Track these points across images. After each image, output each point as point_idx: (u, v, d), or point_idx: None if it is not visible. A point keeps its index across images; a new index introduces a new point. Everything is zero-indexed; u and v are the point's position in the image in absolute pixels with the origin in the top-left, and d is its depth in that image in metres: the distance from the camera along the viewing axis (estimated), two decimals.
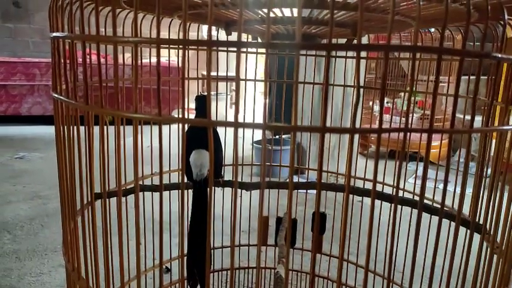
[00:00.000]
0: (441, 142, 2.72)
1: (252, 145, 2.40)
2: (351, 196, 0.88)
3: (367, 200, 0.58)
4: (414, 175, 1.14)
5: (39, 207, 1.85)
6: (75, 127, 0.50)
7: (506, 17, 0.41)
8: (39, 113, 3.77)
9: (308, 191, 0.96)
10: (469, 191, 0.62)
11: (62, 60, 0.47)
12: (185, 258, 0.73)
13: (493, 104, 0.53)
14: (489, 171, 0.60)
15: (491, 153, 0.61)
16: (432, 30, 0.95)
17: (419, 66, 1.06)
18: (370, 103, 2.75)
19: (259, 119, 0.35)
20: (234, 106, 0.39)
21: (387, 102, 2.77)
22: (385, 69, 0.31)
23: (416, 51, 0.31)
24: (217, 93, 1.04)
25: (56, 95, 0.46)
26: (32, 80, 3.71)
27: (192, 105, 0.82)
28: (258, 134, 2.50)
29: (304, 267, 1.12)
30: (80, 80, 0.47)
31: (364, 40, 1.09)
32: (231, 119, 0.32)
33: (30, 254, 1.41)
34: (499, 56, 0.35)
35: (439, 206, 0.76)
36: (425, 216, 0.67)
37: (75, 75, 0.44)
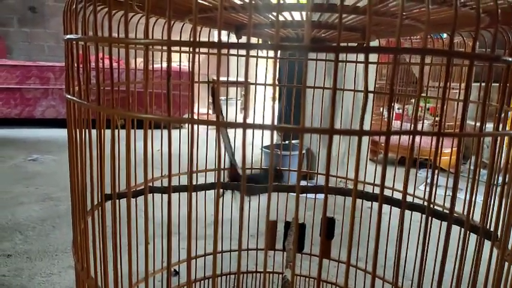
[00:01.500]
0: (452, 149, 2.70)
1: (261, 150, 2.41)
2: (360, 202, 0.88)
3: (377, 206, 0.58)
4: (424, 182, 1.13)
5: (51, 208, 1.87)
6: (87, 130, 0.51)
7: None
8: (53, 116, 3.83)
9: (317, 196, 0.96)
10: (480, 198, 0.61)
11: (75, 64, 0.48)
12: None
13: (503, 109, 0.53)
14: (500, 178, 0.59)
15: (503, 160, 0.60)
16: (444, 36, 0.95)
17: (431, 72, 1.06)
18: (381, 109, 2.74)
19: (269, 123, 0.36)
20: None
21: (398, 109, 2.75)
22: (394, 72, 0.31)
23: (425, 53, 0.31)
24: (227, 98, 1.05)
25: (69, 96, 0.47)
26: (46, 83, 3.78)
27: (202, 110, 0.82)
28: (268, 140, 2.50)
29: (312, 273, 1.11)
30: (93, 83, 0.48)
31: (374, 45, 1.08)
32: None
33: (41, 255, 1.43)
34: (510, 59, 0.35)
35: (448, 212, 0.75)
36: (435, 224, 0.66)
37: (88, 77, 0.45)
